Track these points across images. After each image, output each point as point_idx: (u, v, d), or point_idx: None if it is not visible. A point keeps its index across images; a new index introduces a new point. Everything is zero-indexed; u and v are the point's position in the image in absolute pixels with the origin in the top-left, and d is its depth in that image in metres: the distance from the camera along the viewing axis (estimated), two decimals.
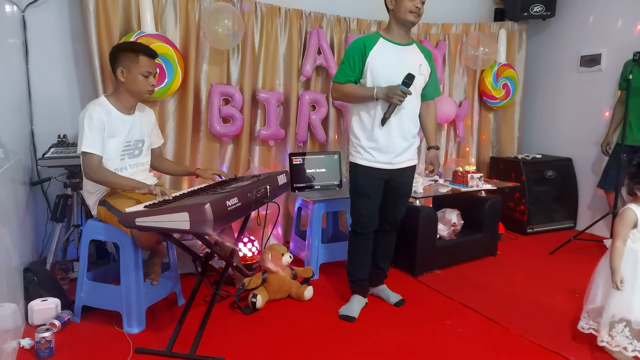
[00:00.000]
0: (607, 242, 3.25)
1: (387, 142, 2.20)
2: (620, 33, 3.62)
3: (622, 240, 1.89)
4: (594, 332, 1.96)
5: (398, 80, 2.10)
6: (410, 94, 2.11)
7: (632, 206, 1.91)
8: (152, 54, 2.15)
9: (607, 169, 3.43)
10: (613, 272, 1.86)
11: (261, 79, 3.23)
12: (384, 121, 2.15)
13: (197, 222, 1.60)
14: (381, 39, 2.19)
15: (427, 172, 2.38)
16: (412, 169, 2.35)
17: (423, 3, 2.15)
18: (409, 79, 2.09)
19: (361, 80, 2.21)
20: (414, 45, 2.26)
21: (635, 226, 1.90)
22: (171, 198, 1.90)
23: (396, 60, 2.15)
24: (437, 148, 2.39)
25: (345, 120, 3.41)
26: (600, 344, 1.93)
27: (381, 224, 2.38)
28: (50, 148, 2.55)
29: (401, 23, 2.16)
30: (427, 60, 2.28)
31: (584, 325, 2.01)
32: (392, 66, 2.15)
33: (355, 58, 2.18)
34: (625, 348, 1.86)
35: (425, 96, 2.33)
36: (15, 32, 2.57)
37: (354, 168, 2.29)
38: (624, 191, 2.27)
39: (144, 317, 2.17)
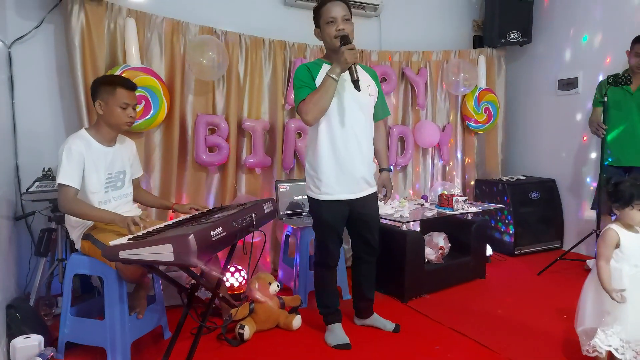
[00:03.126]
0: (590, 263, 3.29)
1: (344, 170, 2.16)
2: (595, 56, 3.76)
3: (605, 261, 1.90)
4: (598, 354, 1.90)
5: (351, 102, 2.12)
6: (354, 47, 2.01)
7: (614, 226, 1.93)
8: (130, 86, 2.18)
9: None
10: (608, 292, 1.83)
11: (247, 108, 3.28)
12: (356, 83, 2.02)
13: (181, 253, 1.59)
14: (324, 64, 2.19)
15: (380, 195, 2.36)
16: (373, 196, 2.32)
17: (347, 20, 2.10)
18: (344, 38, 2.04)
19: None
20: (358, 67, 2.22)
21: (617, 246, 1.91)
22: (141, 227, 1.90)
23: (344, 83, 2.11)
24: (390, 170, 2.40)
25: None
26: (601, 355, 1.88)
27: (361, 255, 2.39)
28: (34, 182, 2.54)
29: (333, 48, 2.12)
30: (373, 80, 2.29)
31: (589, 349, 1.94)
32: (342, 91, 2.12)
33: (306, 78, 2.15)
34: (616, 350, 1.83)
35: (376, 117, 2.32)
36: (1, 67, 2.60)
37: (316, 203, 2.25)
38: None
39: (129, 352, 2.12)
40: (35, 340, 2.15)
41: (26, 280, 2.74)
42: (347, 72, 2.05)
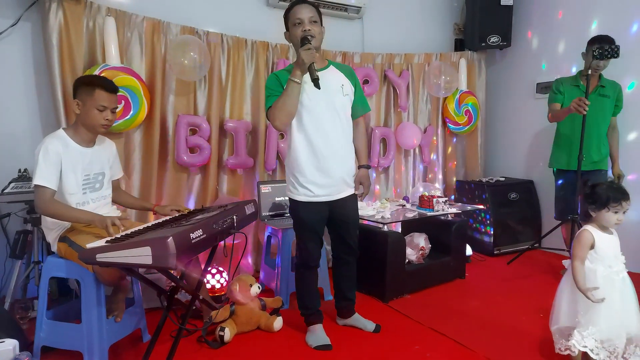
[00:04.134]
0: (566, 263, 3.36)
1: (322, 172, 2.18)
2: (571, 62, 3.85)
3: (580, 262, 1.93)
4: (570, 353, 1.95)
5: (325, 104, 2.13)
6: (310, 47, 2.01)
7: (589, 227, 1.97)
8: (110, 89, 2.15)
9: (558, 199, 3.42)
10: (583, 292, 1.86)
11: (229, 109, 3.27)
12: (315, 82, 2.02)
13: (159, 256, 1.57)
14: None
15: (357, 191, 2.37)
16: (352, 197, 2.34)
17: (314, 22, 2.11)
18: (304, 40, 2.04)
19: None
20: (331, 67, 2.24)
21: (592, 247, 1.95)
22: (122, 230, 1.88)
23: (315, 88, 2.07)
24: (368, 167, 2.41)
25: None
26: (574, 354, 1.92)
27: (340, 256, 2.40)
28: (10, 183, 2.49)
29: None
30: (348, 78, 2.26)
31: (561, 347, 2.00)
32: (313, 94, 2.12)
33: (274, 86, 2.15)
34: (591, 350, 1.87)
35: (354, 115, 2.31)
36: None
37: (295, 204, 2.25)
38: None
39: (106, 356, 2.09)
40: (9, 345, 2.09)
41: (1, 283, 2.68)
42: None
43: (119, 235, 1.82)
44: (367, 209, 3.15)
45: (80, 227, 2.11)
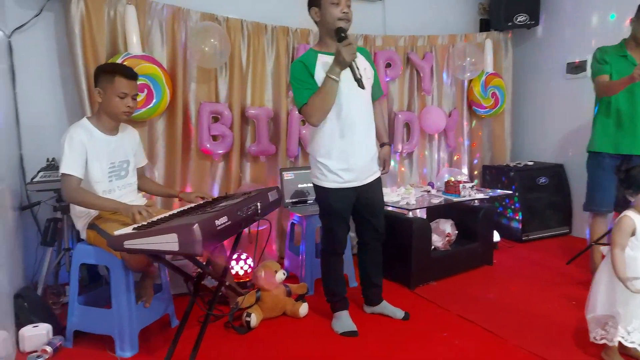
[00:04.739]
0: (604, 250, 3.21)
1: (350, 157, 2.15)
2: (604, 39, 3.67)
3: (620, 248, 1.84)
4: (607, 342, 1.88)
5: (351, 89, 2.05)
6: (351, 42, 1.94)
7: (630, 213, 1.88)
8: (130, 76, 2.15)
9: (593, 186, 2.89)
10: (623, 282, 1.78)
11: (250, 95, 3.25)
12: (359, 82, 1.98)
13: (185, 242, 1.58)
14: (318, 54, 2.13)
15: (380, 168, 2.35)
16: (378, 181, 2.32)
17: (349, 6, 2.05)
18: (340, 32, 1.98)
19: None
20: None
21: (633, 234, 1.86)
22: (148, 218, 1.89)
23: (343, 72, 2.02)
24: (390, 144, 2.42)
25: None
26: (611, 343, 1.86)
27: (367, 242, 2.37)
28: (38, 172, 2.53)
29: (331, 32, 2.07)
30: (368, 61, 2.24)
31: (596, 336, 1.93)
32: (343, 82, 2.05)
33: (304, 76, 2.09)
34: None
35: (373, 97, 2.28)
36: (1, 57, 2.57)
37: (323, 191, 2.23)
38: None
39: (136, 341, 2.13)
40: (43, 329, 2.17)
41: (33, 269, 2.75)
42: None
43: (145, 223, 1.83)
44: (391, 195, 3.10)
45: (107, 215, 2.13)
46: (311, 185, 2.34)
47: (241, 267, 2.89)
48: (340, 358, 2.08)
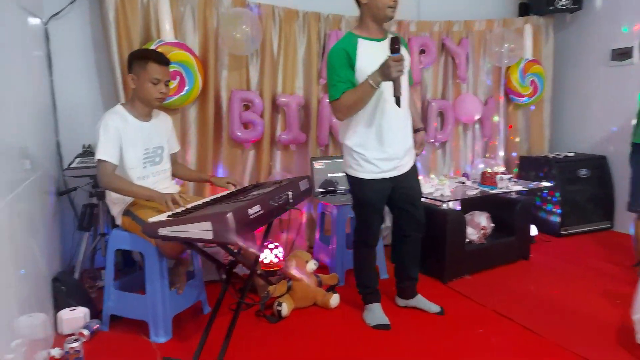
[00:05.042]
0: None
1: (388, 147, 2.10)
2: None
3: None
4: None
5: (387, 83, 1.98)
6: (402, 58, 1.88)
7: None
8: (163, 61, 2.14)
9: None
10: None
11: (281, 83, 3.21)
12: (398, 100, 1.96)
13: (220, 231, 1.57)
14: (359, 39, 2.06)
15: (418, 152, 2.32)
16: (414, 169, 2.27)
17: None
18: (394, 44, 1.90)
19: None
20: (390, 37, 2.06)
21: None
22: (182, 206, 1.88)
23: (383, 58, 1.93)
24: (424, 129, 2.39)
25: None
26: None
27: (406, 233, 2.31)
28: (75, 158, 2.58)
29: (378, 19, 2.04)
30: (406, 49, 2.18)
31: None
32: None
33: (342, 66, 2.03)
34: None
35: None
36: (38, 44, 2.61)
37: (358, 182, 2.17)
38: None
39: (170, 327, 2.15)
40: (80, 313, 2.22)
41: (70, 254, 2.82)
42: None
43: (179, 210, 1.83)
44: (425, 186, 3.01)
45: (142, 202, 2.14)
46: (342, 174, 2.30)
47: (276, 256, 2.88)
48: (373, 351, 2.05)
